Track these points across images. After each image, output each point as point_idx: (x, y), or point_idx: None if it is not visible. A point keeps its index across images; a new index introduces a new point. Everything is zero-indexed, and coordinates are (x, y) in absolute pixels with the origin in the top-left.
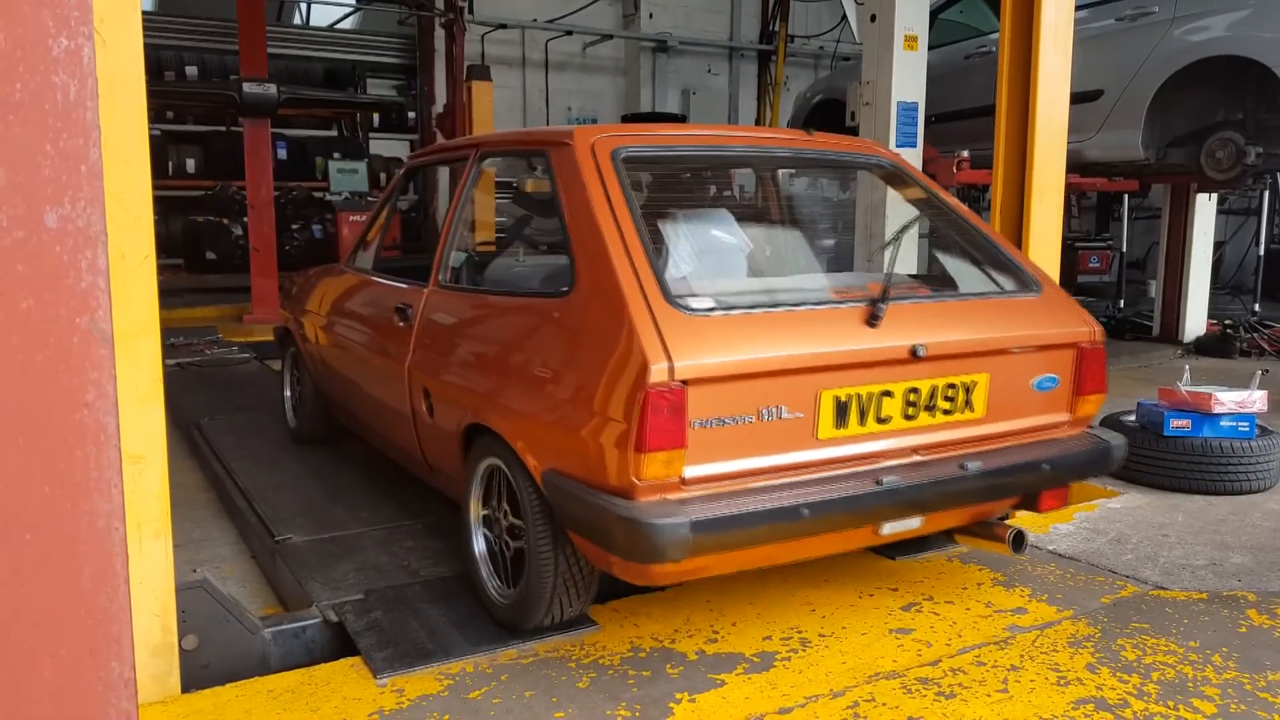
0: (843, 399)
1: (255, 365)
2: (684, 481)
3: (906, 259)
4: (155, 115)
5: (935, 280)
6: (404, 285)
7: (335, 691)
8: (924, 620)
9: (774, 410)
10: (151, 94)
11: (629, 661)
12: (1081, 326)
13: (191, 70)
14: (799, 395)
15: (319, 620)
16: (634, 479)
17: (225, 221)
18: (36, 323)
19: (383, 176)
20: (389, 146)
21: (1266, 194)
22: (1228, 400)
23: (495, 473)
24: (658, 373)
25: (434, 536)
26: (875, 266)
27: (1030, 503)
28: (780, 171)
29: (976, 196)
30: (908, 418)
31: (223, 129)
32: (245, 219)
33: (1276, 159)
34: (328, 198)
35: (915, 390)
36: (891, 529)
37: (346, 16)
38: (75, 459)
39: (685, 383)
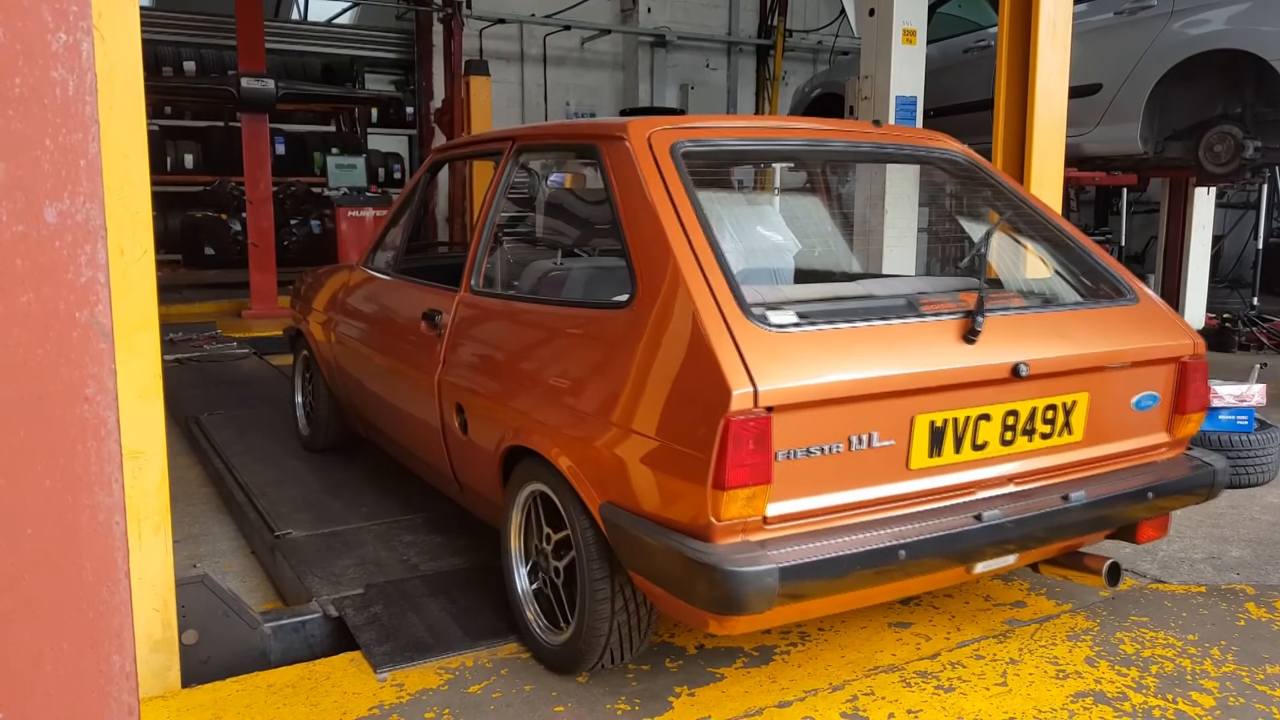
0: (938, 424)
1: (254, 361)
2: (766, 520)
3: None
4: (153, 110)
5: (1022, 288)
6: (431, 289)
7: (335, 686)
8: (923, 614)
9: (864, 438)
10: (150, 89)
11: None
12: (1183, 338)
13: (189, 65)
14: (891, 421)
15: (319, 615)
16: (712, 518)
17: (224, 217)
18: (36, 317)
19: (381, 172)
20: (387, 142)
21: (1265, 188)
22: (1226, 394)
23: (540, 500)
24: (740, 399)
25: (434, 531)
26: (951, 270)
27: (1128, 533)
28: (838, 167)
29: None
30: (1005, 443)
31: (221, 124)
32: (244, 214)
33: (1275, 152)
34: (326, 193)
35: (1014, 413)
36: (984, 567)
37: (344, 12)
38: (76, 453)
39: (770, 409)
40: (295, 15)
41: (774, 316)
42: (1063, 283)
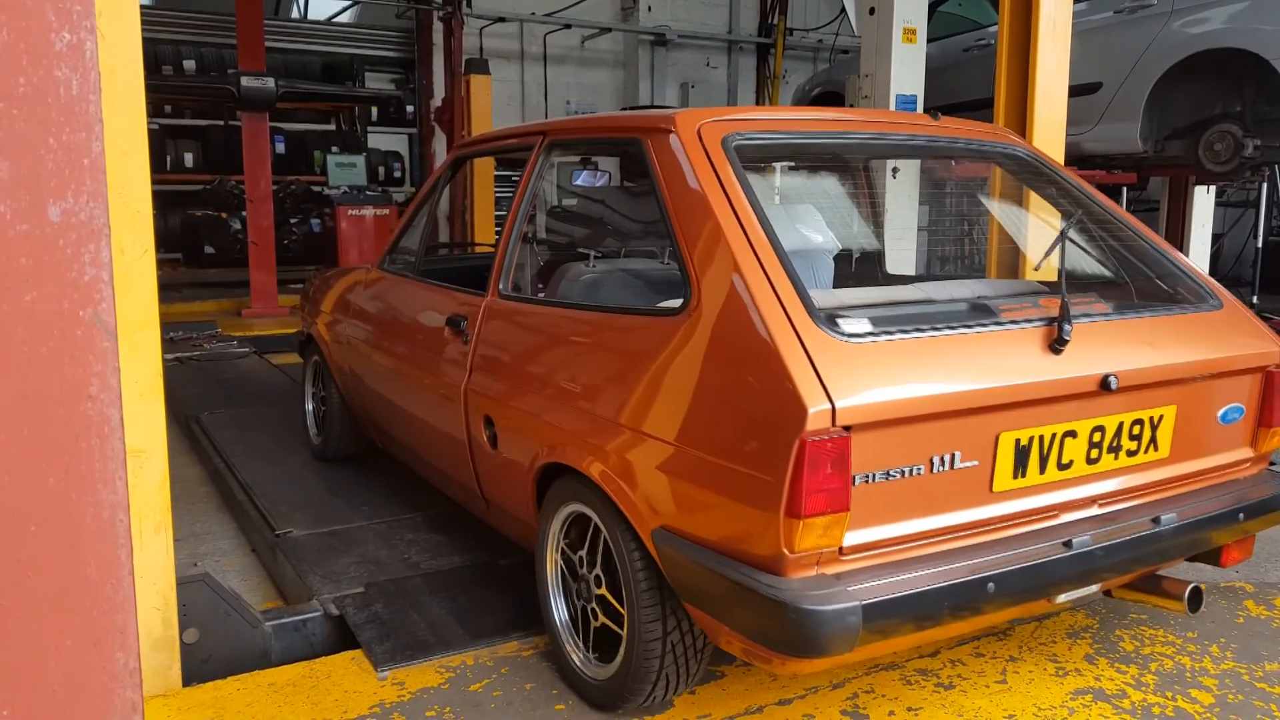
0: (1023, 443)
1: (254, 359)
2: (842, 551)
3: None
4: (153, 109)
5: (1099, 293)
6: (455, 293)
7: (336, 684)
8: None
9: (946, 459)
10: (150, 88)
11: None
12: (1269, 346)
13: (189, 64)
14: (975, 440)
15: (320, 613)
16: (784, 550)
17: (224, 216)
18: (40, 315)
19: (381, 170)
20: (387, 140)
21: (1265, 186)
22: None
23: (580, 522)
24: (817, 417)
25: (434, 530)
26: (1014, 272)
27: (1211, 556)
28: (885, 161)
29: (975, 190)
30: (1091, 462)
31: (221, 123)
32: (244, 213)
33: (1274, 151)
34: (326, 192)
35: (1100, 429)
36: (1067, 597)
37: (344, 10)
38: (80, 451)
39: (848, 429)
40: (295, 14)
41: (846, 324)
42: (1140, 287)
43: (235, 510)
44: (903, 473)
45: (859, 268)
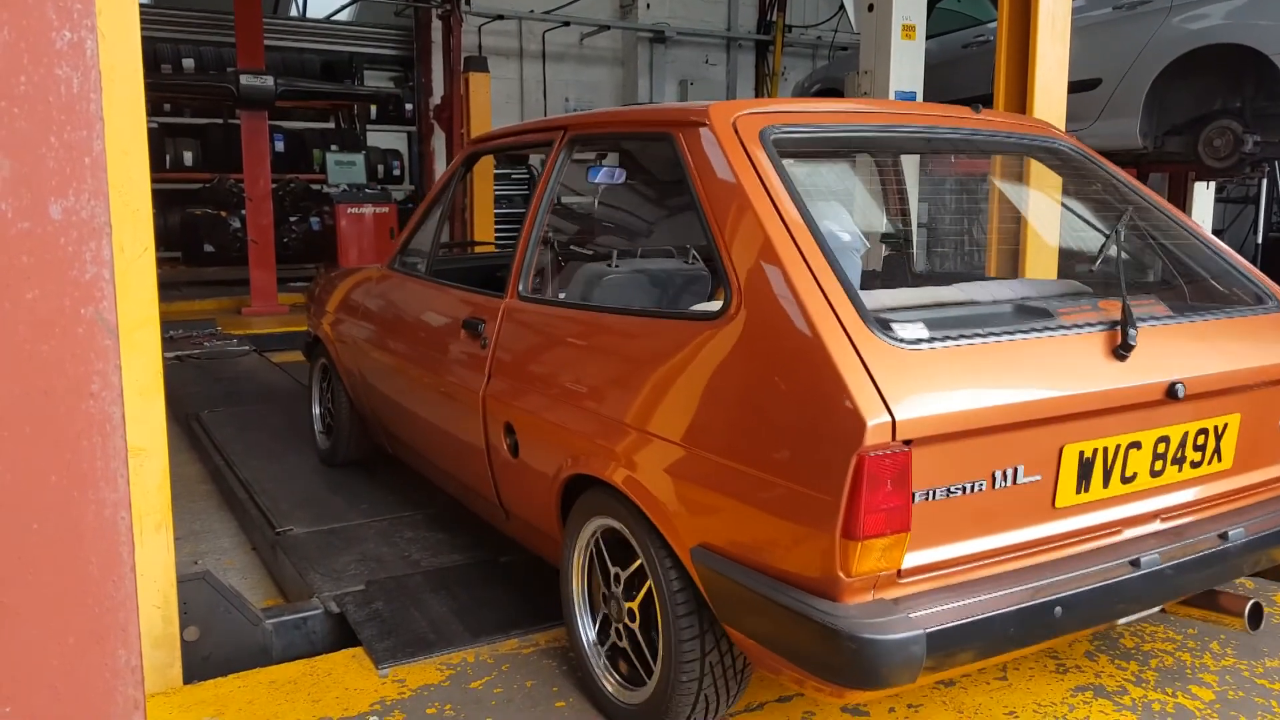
0: (1087, 455)
1: (254, 358)
2: (900, 574)
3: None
4: (152, 108)
5: (1157, 295)
6: (472, 294)
7: (337, 682)
8: None
9: (1009, 474)
10: (149, 86)
11: None
12: None
13: (188, 63)
14: (1038, 453)
15: (320, 611)
16: (840, 573)
17: (223, 214)
18: (42, 313)
19: (380, 168)
20: (386, 138)
21: (1264, 182)
22: None
23: (610, 537)
24: (876, 431)
25: (435, 528)
26: (1061, 272)
27: (1274, 572)
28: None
29: (974, 187)
30: (1154, 474)
31: (220, 121)
32: (243, 211)
33: (1274, 147)
34: (326, 190)
35: (1165, 439)
36: (1130, 619)
37: (343, 8)
38: (82, 449)
39: (908, 443)
40: (294, 12)
41: (902, 329)
42: (1195, 288)
43: (235, 508)
44: (964, 489)
45: (886, 267)
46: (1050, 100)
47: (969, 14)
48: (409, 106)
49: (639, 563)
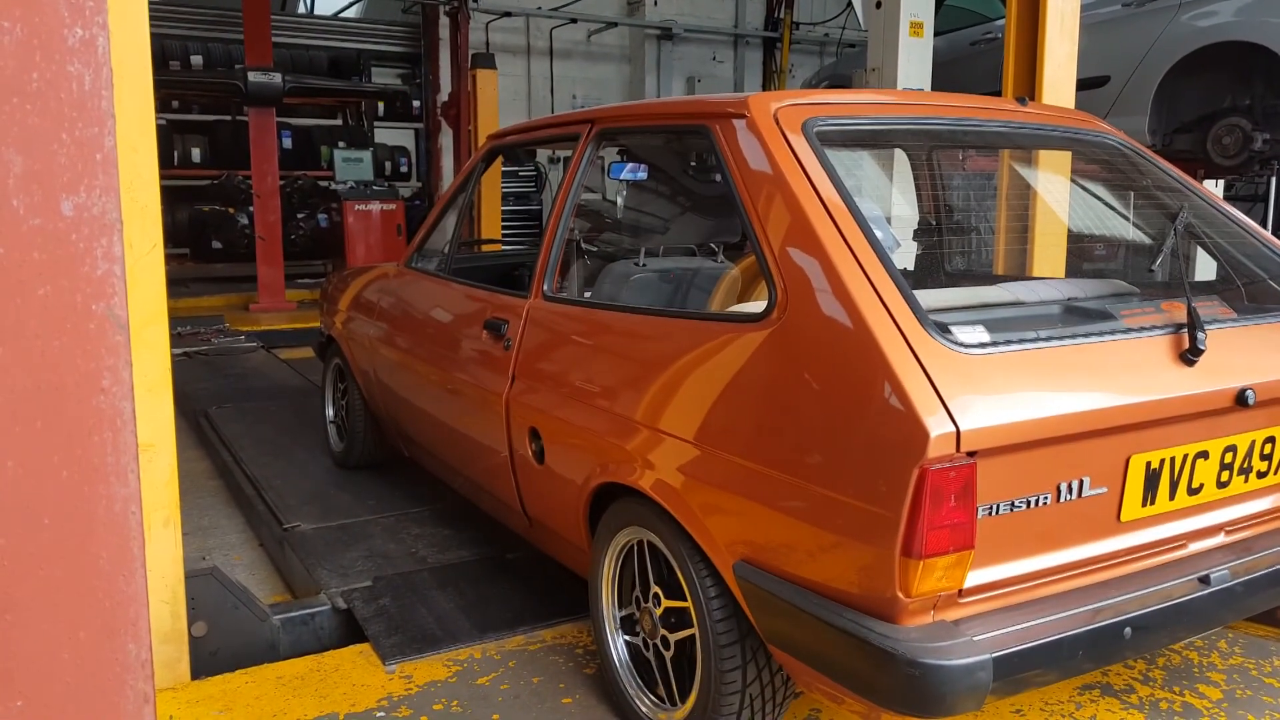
0: (1154, 466)
1: (262, 354)
2: (961, 594)
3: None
4: (161, 105)
5: (1220, 296)
6: (494, 294)
7: (344, 678)
8: None
9: (1074, 486)
10: (157, 83)
11: None
12: None
13: (197, 59)
14: (1104, 464)
15: (327, 607)
16: (899, 593)
17: (231, 211)
18: (54, 309)
19: (388, 165)
20: (394, 135)
21: (1273, 180)
22: None
23: (643, 549)
24: (940, 442)
25: (441, 524)
26: (1108, 271)
27: None
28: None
29: (982, 184)
30: (1220, 485)
31: (228, 118)
32: (251, 208)
33: None
34: (333, 187)
35: (1232, 449)
36: (1196, 635)
37: (351, 5)
38: (93, 444)
39: (973, 454)
40: (302, 9)
41: (961, 332)
42: (1256, 288)
43: (243, 504)
44: (1028, 503)
45: (919, 266)
46: (1059, 97)
47: (977, 11)
48: (416, 103)
49: (675, 576)
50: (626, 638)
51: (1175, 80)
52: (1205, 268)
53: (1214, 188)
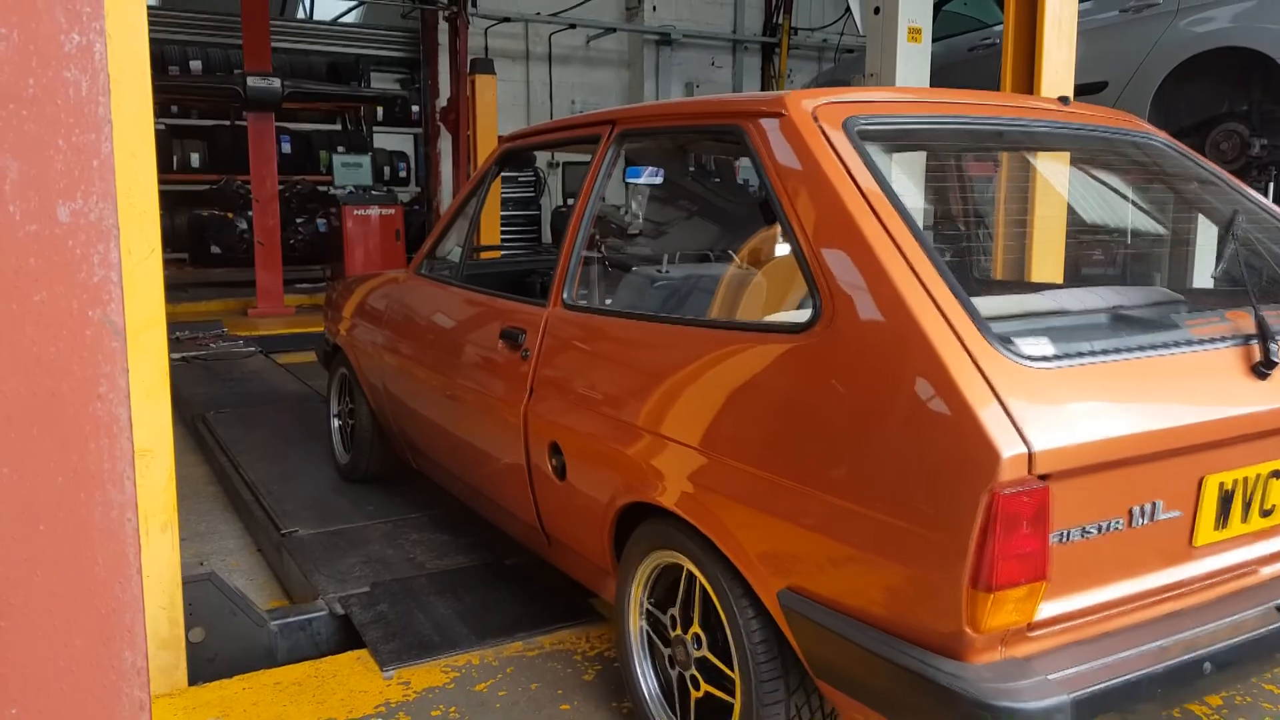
0: (1228, 487)
1: (260, 359)
2: (1031, 627)
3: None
4: (160, 110)
5: (1275, 303)
6: (510, 302)
7: (342, 684)
8: None
9: (1147, 510)
10: (156, 88)
11: None
12: None
13: (196, 65)
14: (1177, 486)
15: (325, 613)
16: (967, 628)
17: (230, 215)
18: (50, 316)
19: (386, 170)
20: (393, 140)
21: (1271, 185)
22: None
23: (673, 573)
24: (1012, 464)
25: (440, 529)
26: (1148, 279)
27: None
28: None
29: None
30: None
31: (227, 123)
32: (250, 213)
33: None
34: (332, 192)
35: None
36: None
37: (350, 10)
38: (89, 450)
39: (1045, 478)
40: (301, 14)
41: (1026, 344)
42: None
43: (241, 509)
44: (1099, 529)
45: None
46: None
47: (975, 17)
48: (415, 108)
49: (709, 602)
50: (657, 668)
51: (1173, 86)
52: (1205, 272)
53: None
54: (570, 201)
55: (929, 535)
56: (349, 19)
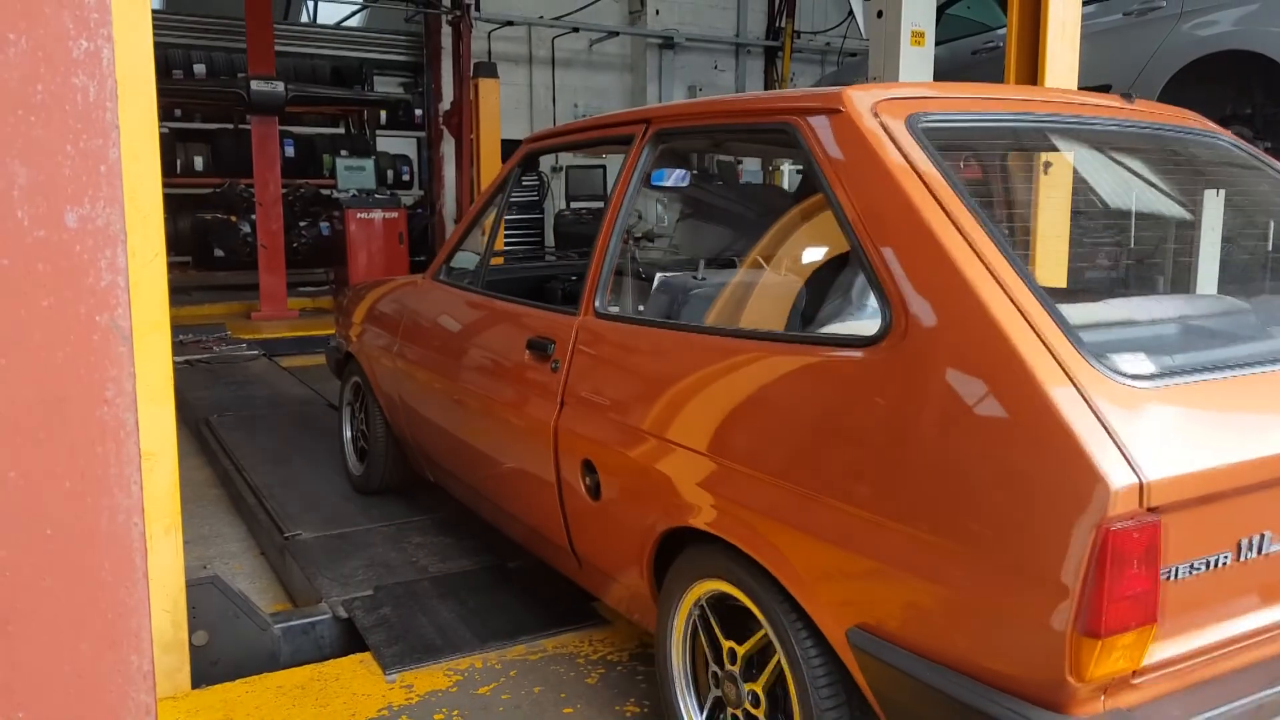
0: None
1: (264, 362)
2: (1136, 674)
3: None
4: (163, 113)
5: None
6: (536, 310)
7: (344, 687)
8: None
9: (1254, 542)
10: (160, 92)
11: (638, 658)
12: None
13: (200, 69)
14: None
15: (328, 616)
16: (1070, 678)
17: (233, 219)
18: (57, 320)
19: (390, 174)
20: (396, 144)
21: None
22: None
23: (723, 605)
24: (1123, 497)
25: (442, 533)
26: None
27: None
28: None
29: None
30: None
31: (231, 127)
32: (253, 216)
33: None
34: (335, 195)
35: None
36: None
37: (353, 14)
38: (96, 455)
39: (1155, 510)
40: (304, 18)
41: (1124, 361)
42: None
43: (244, 513)
44: (1207, 564)
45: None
46: None
47: (978, 20)
48: (419, 112)
49: (761, 635)
50: (700, 702)
51: (1176, 89)
52: (1207, 279)
53: (1215, 195)
54: (574, 206)
55: (1026, 574)
56: (352, 23)
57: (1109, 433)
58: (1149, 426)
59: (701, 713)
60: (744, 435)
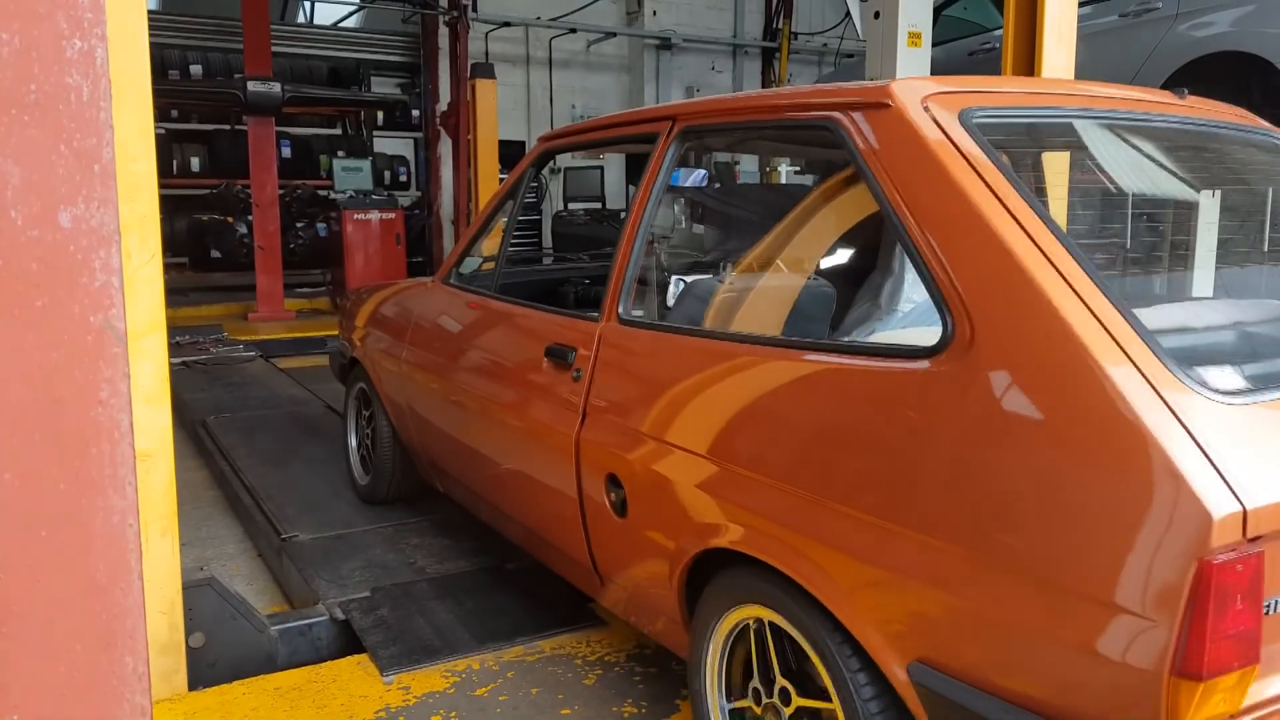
0: None
1: (260, 363)
2: (1233, 717)
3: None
4: (160, 114)
5: None
6: (555, 317)
7: (342, 689)
8: None
9: None
10: (156, 93)
11: (635, 659)
12: None
13: (196, 69)
14: None
15: (325, 618)
16: None
17: (230, 220)
18: (51, 321)
19: (387, 174)
20: (393, 144)
21: (1270, 189)
22: None
23: (762, 630)
24: (1225, 527)
25: (440, 534)
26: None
27: None
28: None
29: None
30: None
31: (227, 128)
32: (250, 217)
33: None
34: (332, 196)
35: None
36: None
37: (350, 15)
38: (90, 456)
39: (1256, 539)
40: (301, 19)
41: (1213, 376)
42: None
43: (241, 514)
44: None
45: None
46: None
47: (975, 21)
48: (416, 113)
49: (803, 662)
50: None
51: (1172, 90)
52: (1203, 283)
53: (1211, 198)
54: (572, 207)
55: (1116, 612)
56: (349, 23)
57: (1206, 456)
58: (1246, 448)
59: None
60: (786, 450)
